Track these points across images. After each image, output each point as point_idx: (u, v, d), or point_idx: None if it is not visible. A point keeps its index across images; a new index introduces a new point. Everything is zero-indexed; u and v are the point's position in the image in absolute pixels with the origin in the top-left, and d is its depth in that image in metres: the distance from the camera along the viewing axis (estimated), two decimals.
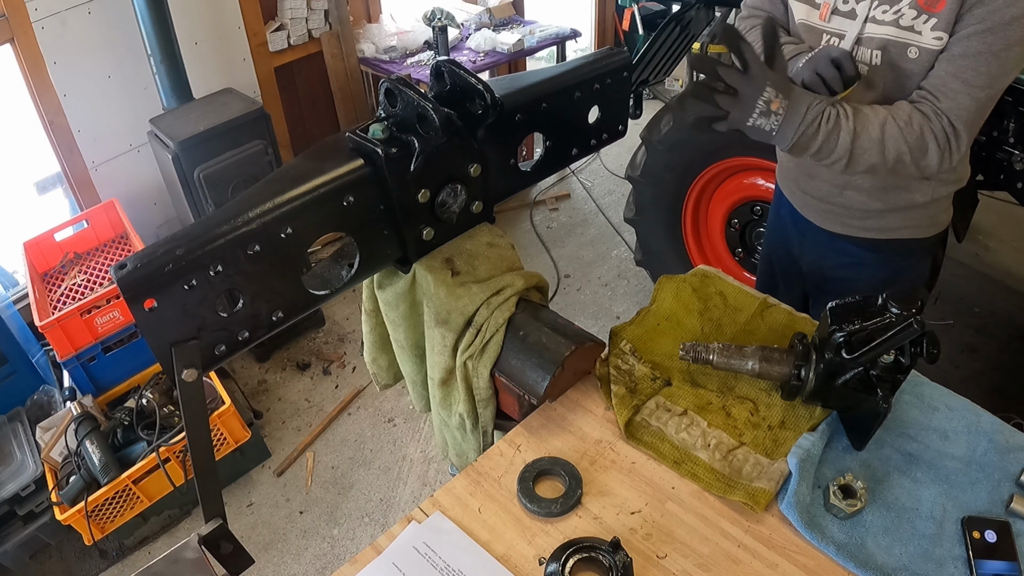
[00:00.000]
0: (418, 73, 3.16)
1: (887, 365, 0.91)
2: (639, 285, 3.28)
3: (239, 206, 0.83)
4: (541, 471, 0.96)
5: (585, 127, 1.17)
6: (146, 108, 2.66)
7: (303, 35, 3.17)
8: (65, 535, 2.30)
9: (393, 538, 0.91)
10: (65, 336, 2.27)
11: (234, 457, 2.45)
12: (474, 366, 1.05)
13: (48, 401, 2.45)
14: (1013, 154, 2.17)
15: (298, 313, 0.93)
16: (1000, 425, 0.98)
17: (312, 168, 0.89)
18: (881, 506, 0.90)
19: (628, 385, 1.05)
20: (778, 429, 0.99)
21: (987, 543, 0.84)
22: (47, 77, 2.47)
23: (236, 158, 2.49)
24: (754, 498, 0.90)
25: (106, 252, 2.72)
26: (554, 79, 1.08)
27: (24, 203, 2.94)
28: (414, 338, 1.13)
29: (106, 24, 2.56)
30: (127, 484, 2.14)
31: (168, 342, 0.81)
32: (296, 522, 2.37)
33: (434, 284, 1.02)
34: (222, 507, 0.86)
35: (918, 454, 0.96)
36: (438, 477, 2.47)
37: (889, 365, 0.91)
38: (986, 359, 2.69)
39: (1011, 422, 1.00)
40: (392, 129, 0.92)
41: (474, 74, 0.94)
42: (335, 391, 2.84)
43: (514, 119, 1.04)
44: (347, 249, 1.00)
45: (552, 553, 0.86)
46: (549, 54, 3.74)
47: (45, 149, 2.65)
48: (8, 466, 2.25)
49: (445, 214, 1.03)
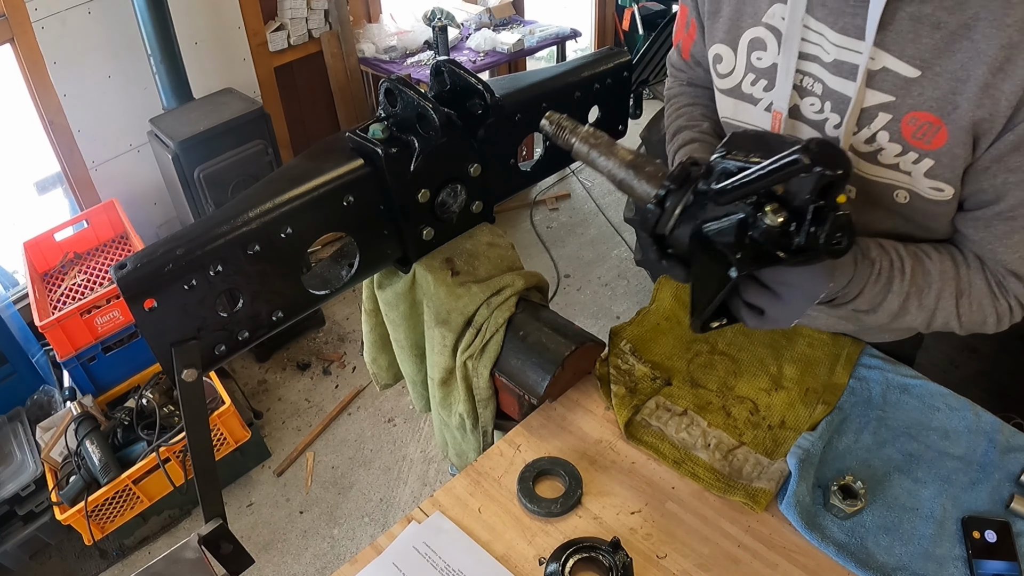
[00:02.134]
0: (418, 73, 3.16)
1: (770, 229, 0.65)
2: (639, 285, 3.29)
3: (239, 206, 0.83)
4: (541, 471, 0.96)
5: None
6: (146, 108, 2.66)
7: (303, 35, 3.17)
8: (65, 535, 2.30)
9: (393, 538, 0.91)
10: (65, 336, 2.27)
11: (234, 457, 2.45)
12: (474, 366, 1.05)
13: (48, 401, 2.45)
14: None
15: (298, 313, 0.93)
16: (1000, 425, 0.98)
17: (312, 168, 0.89)
18: (881, 506, 0.90)
19: (628, 385, 1.05)
20: (778, 429, 0.99)
21: (987, 543, 0.84)
22: (47, 77, 2.47)
23: (236, 158, 2.49)
24: (754, 498, 0.90)
25: (106, 252, 2.72)
26: (554, 79, 1.08)
27: (24, 203, 2.94)
28: (414, 338, 1.13)
29: (106, 24, 2.55)
30: (127, 484, 2.14)
31: (168, 342, 0.81)
32: (296, 522, 2.37)
33: (434, 284, 1.02)
34: (222, 507, 0.86)
35: (918, 454, 0.96)
36: (438, 477, 2.47)
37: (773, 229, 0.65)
38: (986, 359, 2.69)
39: (1011, 422, 1.00)
40: (392, 129, 0.92)
41: (474, 74, 0.94)
42: (335, 391, 2.84)
43: (514, 119, 1.04)
44: (347, 249, 1.00)
45: (552, 553, 0.86)
46: (549, 54, 3.74)
47: (45, 149, 2.65)
48: (8, 466, 2.25)
49: (445, 214, 1.03)
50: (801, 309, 0.74)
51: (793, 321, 0.76)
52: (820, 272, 0.72)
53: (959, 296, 0.85)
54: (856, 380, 1.05)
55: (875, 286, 0.84)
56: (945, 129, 0.75)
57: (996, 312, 0.85)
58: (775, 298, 0.74)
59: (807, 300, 0.73)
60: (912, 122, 0.77)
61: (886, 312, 0.86)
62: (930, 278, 0.85)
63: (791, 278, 0.72)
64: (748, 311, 0.77)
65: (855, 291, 0.84)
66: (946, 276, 0.85)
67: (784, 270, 0.71)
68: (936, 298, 0.85)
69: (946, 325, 0.87)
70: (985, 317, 0.85)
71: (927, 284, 0.85)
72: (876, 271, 0.83)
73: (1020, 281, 0.83)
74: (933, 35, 0.73)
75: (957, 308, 0.85)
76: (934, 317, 0.86)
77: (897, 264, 0.84)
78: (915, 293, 0.85)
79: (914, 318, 0.87)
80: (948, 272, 0.85)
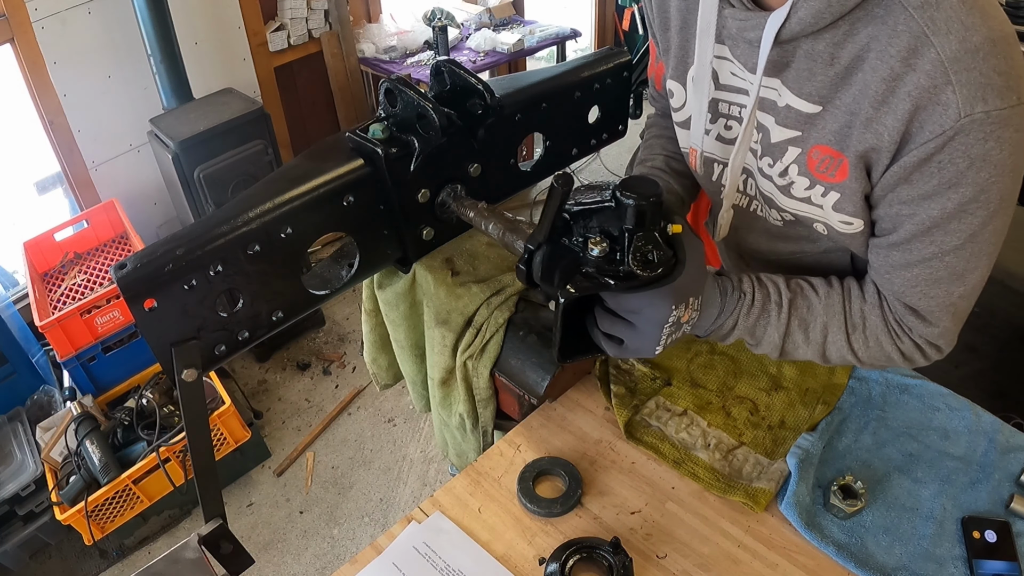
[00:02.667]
0: (418, 73, 3.16)
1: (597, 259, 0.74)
2: None
3: (239, 206, 0.83)
4: (541, 471, 0.96)
5: (585, 127, 1.17)
6: (146, 108, 2.66)
7: (303, 35, 3.17)
8: (65, 535, 2.30)
9: (393, 538, 0.91)
10: (65, 336, 2.27)
11: (234, 457, 2.45)
12: (474, 366, 1.05)
13: (48, 401, 2.45)
14: None
15: (298, 313, 0.93)
16: (1000, 425, 0.98)
17: (312, 168, 0.89)
18: (881, 506, 0.90)
19: (628, 385, 1.05)
20: (778, 429, 0.99)
21: (987, 543, 0.84)
22: (47, 77, 2.47)
23: (236, 158, 2.49)
24: (754, 498, 0.90)
25: (106, 252, 2.72)
26: (554, 79, 1.08)
27: (24, 203, 2.94)
28: (414, 338, 1.13)
29: (106, 24, 2.55)
30: (127, 484, 2.14)
31: (168, 342, 0.81)
32: (296, 522, 2.37)
33: (434, 284, 1.02)
34: (222, 507, 0.86)
35: (918, 454, 0.96)
36: (438, 477, 2.47)
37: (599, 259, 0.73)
38: (986, 359, 2.69)
39: (1011, 422, 1.00)
40: (392, 129, 0.92)
41: (474, 74, 0.94)
42: (335, 391, 2.84)
43: (514, 119, 1.04)
44: (347, 249, 1.00)
45: (552, 553, 0.86)
46: (549, 54, 3.74)
47: (45, 149, 2.65)
48: (8, 466, 2.25)
49: (445, 214, 1.03)
50: (653, 335, 0.76)
51: (653, 348, 0.78)
52: (659, 297, 0.74)
53: (850, 331, 0.84)
54: (856, 380, 1.06)
55: (748, 318, 0.86)
56: (846, 162, 0.77)
57: (900, 350, 0.84)
58: (628, 326, 0.77)
59: (654, 326, 0.76)
60: (816, 156, 0.79)
61: (769, 344, 0.87)
62: (814, 312, 0.85)
63: (633, 304, 0.75)
64: (608, 341, 0.80)
65: (729, 324, 0.86)
66: (832, 310, 0.85)
67: (626, 297, 0.75)
68: (823, 332, 0.85)
69: (843, 360, 0.87)
70: (888, 354, 0.85)
71: (812, 318, 0.85)
72: (748, 303, 0.85)
73: (920, 319, 0.81)
74: (828, 71, 0.75)
75: (850, 343, 0.85)
76: (826, 350, 0.86)
77: (775, 298, 0.86)
78: (799, 327, 0.86)
79: (804, 351, 0.87)
80: (835, 306, 0.85)
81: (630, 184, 0.72)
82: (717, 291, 0.85)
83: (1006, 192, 0.72)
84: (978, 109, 0.66)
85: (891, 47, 0.69)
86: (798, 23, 0.72)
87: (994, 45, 0.66)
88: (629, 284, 0.72)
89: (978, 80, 0.66)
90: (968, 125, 0.67)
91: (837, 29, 0.72)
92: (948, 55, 0.66)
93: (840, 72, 0.74)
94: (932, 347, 0.84)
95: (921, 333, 0.82)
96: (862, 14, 0.71)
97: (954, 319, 0.81)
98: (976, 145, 0.68)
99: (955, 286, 0.78)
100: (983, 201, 0.72)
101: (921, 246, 0.76)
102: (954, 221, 0.73)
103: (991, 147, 0.68)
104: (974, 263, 0.77)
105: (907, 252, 0.78)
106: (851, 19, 0.71)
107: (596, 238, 0.74)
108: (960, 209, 0.72)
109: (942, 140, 0.68)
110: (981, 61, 0.66)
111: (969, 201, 0.71)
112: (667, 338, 0.78)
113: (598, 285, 0.73)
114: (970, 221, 0.73)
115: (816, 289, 0.86)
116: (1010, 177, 0.71)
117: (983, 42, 0.66)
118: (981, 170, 0.69)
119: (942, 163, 0.70)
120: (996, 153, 0.68)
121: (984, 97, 0.66)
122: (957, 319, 0.82)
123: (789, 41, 0.75)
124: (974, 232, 0.74)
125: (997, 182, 0.70)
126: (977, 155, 0.68)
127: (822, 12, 0.70)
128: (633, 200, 0.70)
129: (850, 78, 0.74)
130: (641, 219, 0.71)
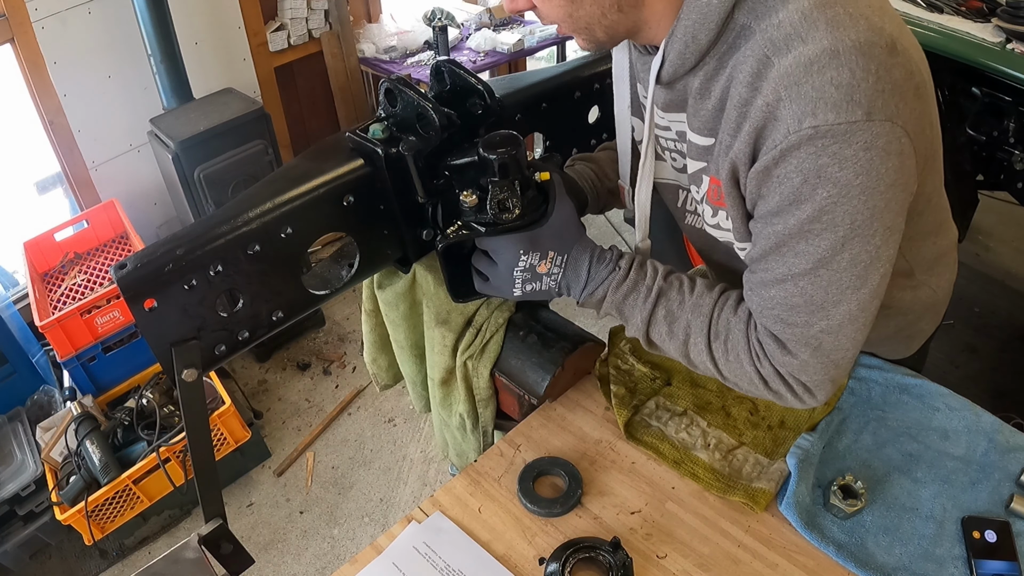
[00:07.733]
0: (418, 73, 3.15)
1: (467, 209, 0.85)
2: None
3: (239, 206, 0.83)
4: (541, 471, 0.96)
5: (585, 127, 1.17)
6: (146, 108, 2.66)
7: (303, 35, 3.17)
8: (65, 535, 2.30)
9: (393, 538, 0.91)
10: (65, 336, 2.27)
11: (234, 457, 2.45)
12: (474, 366, 1.05)
13: (48, 401, 2.44)
14: (1013, 154, 2.17)
15: (298, 313, 0.93)
16: (1000, 425, 0.98)
17: (312, 168, 0.89)
18: (881, 506, 0.90)
19: (628, 385, 1.05)
20: (778, 429, 0.99)
21: (987, 543, 0.84)
22: (47, 77, 2.47)
23: (236, 158, 2.49)
24: (754, 498, 0.90)
25: (106, 252, 2.71)
26: (554, 79, 1.08)
27: (24, 203, 2.94)
28: (414, 338, 1.13)
29: (106, 24, 2.55)
30: (127, 484, 2.14)
31: (168, 342, 0.81)
32: (296, 522, 2.37)
33: (434, 284, 1.02)
34: (222, 507, 0.87)
35: (918, 454, 0.96)
36: (438, 477, 2.47)
37: (468, 208, 0.85)
38: (986, 359, 2.69)
39: (1011, 422, 1.00)
40: (392, 129, 0.92)
41: (474, 74, 0.94)
42: (335, 391, 2.84)
43: (514, 119, 1.04)
44: (347, 249, 1.00)
45: (552, 553, 0.86)
46: (549, 54, 3.74)
47: (45, 149, 2.65)
48: (8, 466, 2.25)
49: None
50: (507, 276, 0.88)
51: (511, 289, 0.89)
52: (509, 240, 0.85)
53: (712, 338, 0.83)
54: (856, 380, 1.06)
55: (616, 293, 0.87)
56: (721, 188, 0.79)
57: (760, 375, 0.81)
58: (491, 264, 0.89)
59: (507, 267, 0.87)
60: (713, 185, 0.82)
61: (634, 327, 0.88)
62: (684, 308, 0.84)
63: (489, 244, 0.88)
64: (477, 276, 0.93)
65: (599, 293, 0.88)
66: (699, 312, 0.83)
67: (489, 239, 0.87)
68: (685, 331, 0.84)
69: (706, 368, 0.85)
70: (749, 375, 0.81)
71: (680, 313, 0.84)
72: (620, 278, 0.86)
73: (779, 346, 0.78)
74: (707, 105, 0.77)
75: (710, 349, 0.83)
76: (689, 351, 0.85)
77: (647, 282, 0.86)
78: (664, 318, 0.85)
79: (668, 346, 0.87)
80: (703, 308, 0.83)
81: (491, 141, 0.83)
82: (588, 255, 0.88)
83: (859, 217, 0.68)
84: (806, 124, 0.65)
85: (742, 74, 0.70)
86: (670, 64, 0.77)
87: (834, 57, 0.64)
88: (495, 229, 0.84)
89: (809, 94, 0.64)
90: (797, 141, 0.66)
91: (707, 65, 0.75)
92: (782, 71, 0.66)
93: (716, 104, 0.76)
94: (798, 383, 0.79)
95: (780, 362, 0.78)
96: (726, 48, 0.73)
97: (816, 355, 0.76)
98: (808, 160, 0.66)
99: (815, 317, 0.74)
100: (827, 223, 0.69)
101: (774, 264, 0.75)
102: (801, 241, 0.71)
103: (825, 163, 0.66)
104: (835, 295, 0.73)
105: (764, 271, 0.77)
106: (717, 54, 0.74)
107: (467, 191, 0.85)
108: (802, 228, 0.70)
109: (776, 154, 0.68)
110: (815, 74, 0.64)
111: (810, 220, 0.69)
112: (523, 283, 0.89)
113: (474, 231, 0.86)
114: (817, 243, 0.70)
115: (694, 288, 0.85)
116: (860, 200, 0.67)
117: (820, 54, 0.64)
118: (817, 187, 0.67)
119: (780, 178, 0.69)
120: (834, 171, 0.66)
121: (814, 112, 0.64)
122: (822, 356, 0.77)
123: (673, 81, 0.80)
124: (823, 257, 0.71)
125: (841, 204, 0.67)
126: (810, 171, 0.67)
127: (683, 52, 0.75)
128: (491, 155, 0.81)
129: (723, 109, 0.75)
130: (502, 171, 0.82)
